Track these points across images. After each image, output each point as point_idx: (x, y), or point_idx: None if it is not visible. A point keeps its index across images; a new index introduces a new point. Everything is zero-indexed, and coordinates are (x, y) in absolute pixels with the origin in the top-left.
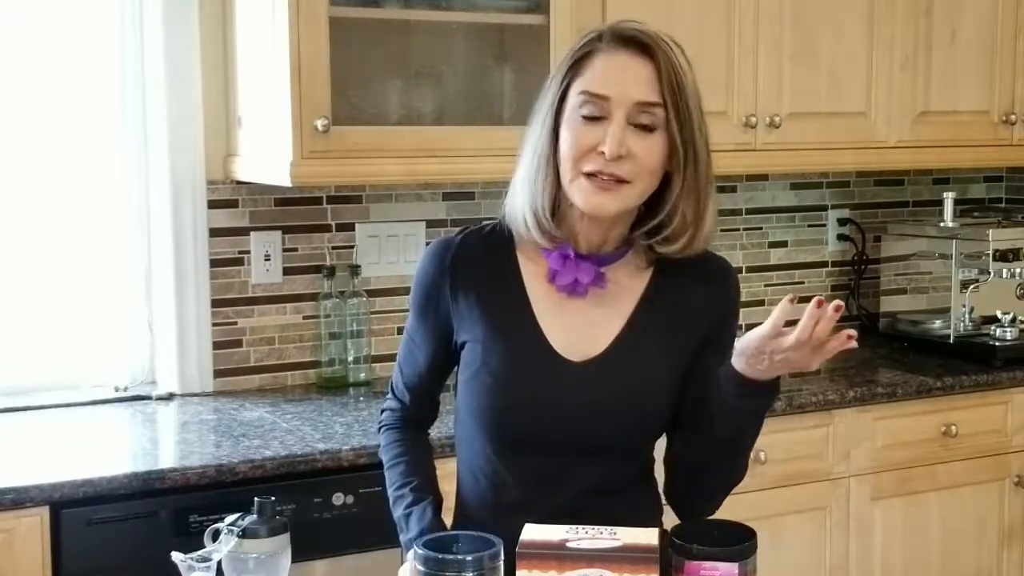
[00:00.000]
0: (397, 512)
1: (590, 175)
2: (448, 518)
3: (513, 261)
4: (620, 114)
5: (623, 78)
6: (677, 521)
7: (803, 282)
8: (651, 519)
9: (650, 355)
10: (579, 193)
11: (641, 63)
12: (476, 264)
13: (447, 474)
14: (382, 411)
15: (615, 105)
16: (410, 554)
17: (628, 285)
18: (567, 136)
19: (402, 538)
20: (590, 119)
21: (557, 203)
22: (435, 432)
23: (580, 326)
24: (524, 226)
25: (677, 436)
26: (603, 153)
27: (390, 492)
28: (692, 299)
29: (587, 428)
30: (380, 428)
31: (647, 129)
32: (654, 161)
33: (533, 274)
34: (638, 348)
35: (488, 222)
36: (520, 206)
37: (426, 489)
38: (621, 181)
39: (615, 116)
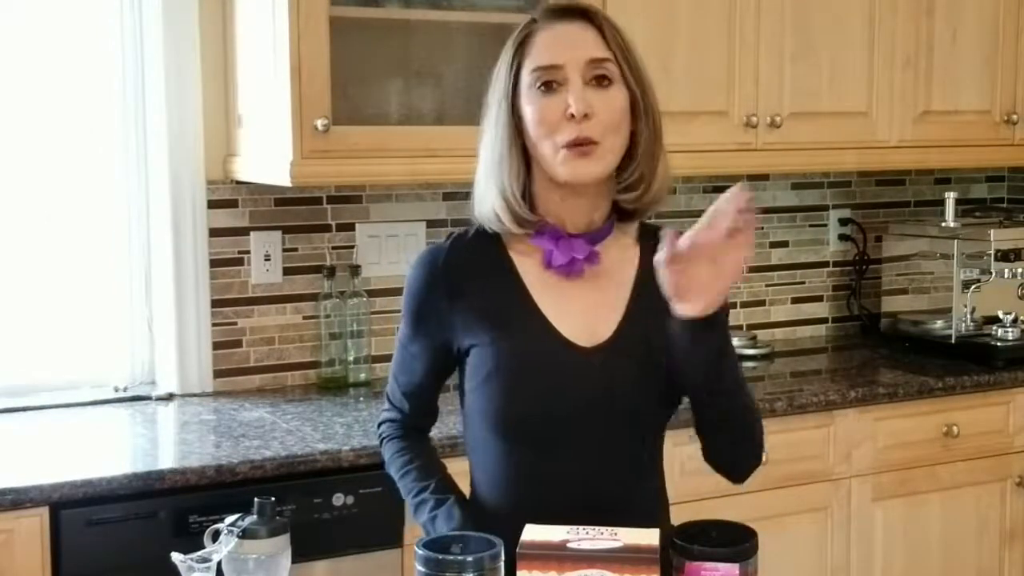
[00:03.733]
0: (421, 518)
1: (569, 146)
2: None
3: (504, 256)
4: (576, 75)
5: (569, 43)
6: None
7: (804, 282)
8: (659, 503)
9: (654, 334)
10: (563, 166)
11: (582, 27)
12: (468, 267)
13: (453, 473)
14: (380, 423)
15: (569, 69)
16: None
17: (620, 263)
18: (532, 112)
19: None
20: (549, 90)
21: (528, 190)
22: (434, 432)
23: (583, 311)
24: (496, 219)
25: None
26: (572, 116)
27: (409, 500)
28: None
29: (606, 414)
30: (381, 440)
31: (604, 84)
32: (618, 116)
33: (527, 265)
34: (643, 328)
35: (472, 226)
36: (490, 200)
37: (445, 490)
38: (593, 142)
39: (572, 79)
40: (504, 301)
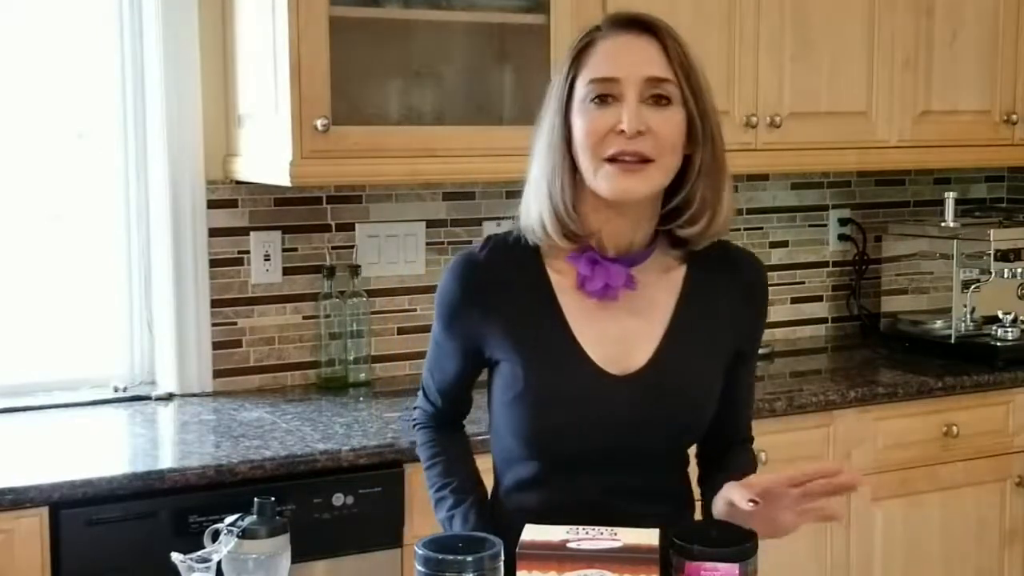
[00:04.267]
0: (440, 515)
1: (613, 159)
2: None
3: (542, 274)
4: (632, 92)
5: (629, 57)
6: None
7: (804, 282)
8: (686, 511)
9: (691, 363)
10: (604, 181)
11: (645, 41)
12: (503, 280)
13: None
14: (415, 408)
15: (626, 85)
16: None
17: (661, 288)
18: (581, 124)
19: None
20: (603, 103)
21: (576, 205)
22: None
23: (619, 338)
24: (543, 230)
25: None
26: (622, 132)
27: (430, 493)
28: (728, 301)
29: (636, 442)
30: (415, 426)
31: (662, 104)
32: (674, 135)
33: (563, 286)
34: (679, 358)
35: (513, 229)
36: (536, 211)
37: (466, 489)
38: (645, 160)
39: (628, 95)
40: (537, 321)
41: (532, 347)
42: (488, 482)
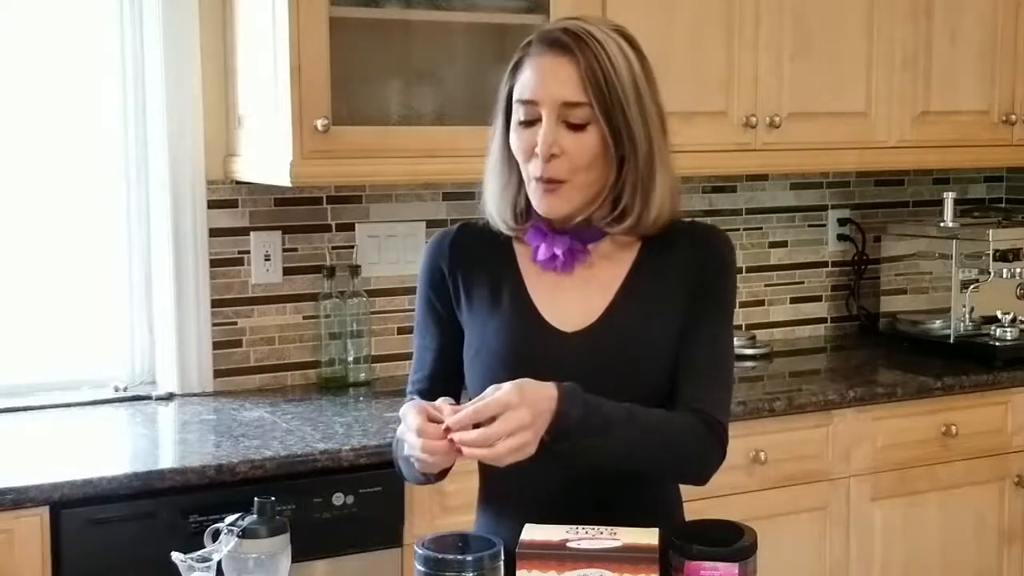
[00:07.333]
0: (400, 452)
1: (538, 179)
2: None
3: (509, 247)
4: (550, 114)
5: (545, 81)
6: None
7: (803, 282)
8: (670, 498)
9: (642, 319)
10: (534, 197)
11: (562, 63)
12: (474, 249)
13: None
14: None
15: (543, 107)
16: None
17: (616, 263)
18: (514, 142)
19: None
20: (526, 124)
21: (526, 198)
22: None
23: (573, 301)
24: (495, 220)
25: None
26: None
27: (399, 457)
28: (679, 262)
29: None
30: (394, 442)
31: (578, 126)
32: (587, 156)
33: (528, 257)
34: (629, 314)
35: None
36: (489, 203)
37: None
38: (559, 181)
39: (545, 116)
40: (498, 287)
41: (489, 307)
42: None
